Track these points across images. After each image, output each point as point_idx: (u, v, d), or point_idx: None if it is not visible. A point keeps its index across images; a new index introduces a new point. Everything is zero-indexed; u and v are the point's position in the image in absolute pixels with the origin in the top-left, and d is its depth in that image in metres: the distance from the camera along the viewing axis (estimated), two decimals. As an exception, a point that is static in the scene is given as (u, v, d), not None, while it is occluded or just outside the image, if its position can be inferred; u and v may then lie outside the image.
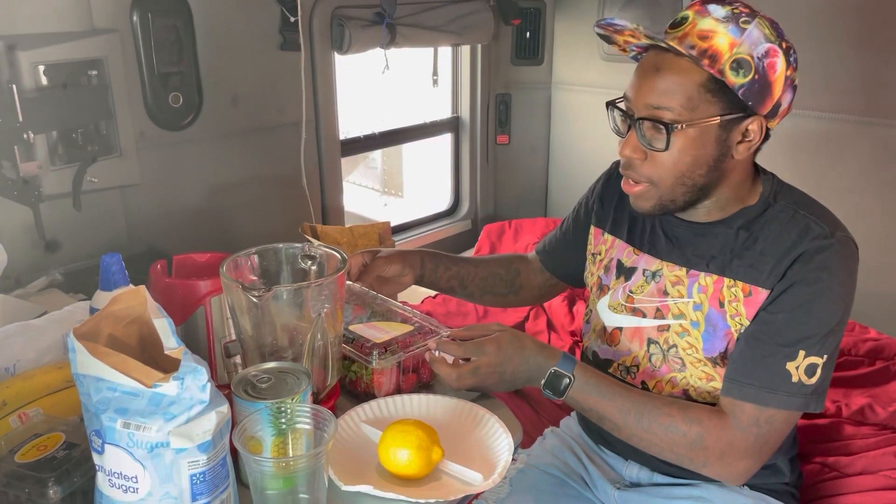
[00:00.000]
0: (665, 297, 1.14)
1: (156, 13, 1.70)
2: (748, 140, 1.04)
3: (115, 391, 0.78)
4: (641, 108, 1.04)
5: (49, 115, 1.53)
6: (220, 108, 1.89)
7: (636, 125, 1.05)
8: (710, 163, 1.05)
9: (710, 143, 1.03)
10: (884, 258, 2.01)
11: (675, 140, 1.03)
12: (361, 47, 2.11)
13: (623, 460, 1.25)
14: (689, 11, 1.03)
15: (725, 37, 0.99)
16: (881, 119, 2.02)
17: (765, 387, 1.02)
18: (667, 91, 1.02)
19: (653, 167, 1.06)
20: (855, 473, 1.39)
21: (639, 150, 1.06)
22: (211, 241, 1.85)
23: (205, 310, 1.06)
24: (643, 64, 1.06)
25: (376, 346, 1.13)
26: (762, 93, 1.01)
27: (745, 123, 1.03)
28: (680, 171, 1.05)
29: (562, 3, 2.65)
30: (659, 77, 1.02)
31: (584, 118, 2.72)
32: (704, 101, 1.01)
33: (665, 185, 1.07)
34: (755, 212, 1.10)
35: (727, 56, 0.99)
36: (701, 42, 1.00)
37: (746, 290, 1.07)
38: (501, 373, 1.06)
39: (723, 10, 1.01)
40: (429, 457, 0.94)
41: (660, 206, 1.09)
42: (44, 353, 1.11)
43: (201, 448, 0.78)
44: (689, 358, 1.12)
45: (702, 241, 1.12)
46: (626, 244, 1.23)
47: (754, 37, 0.99)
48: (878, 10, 1.96)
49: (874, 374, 1.71)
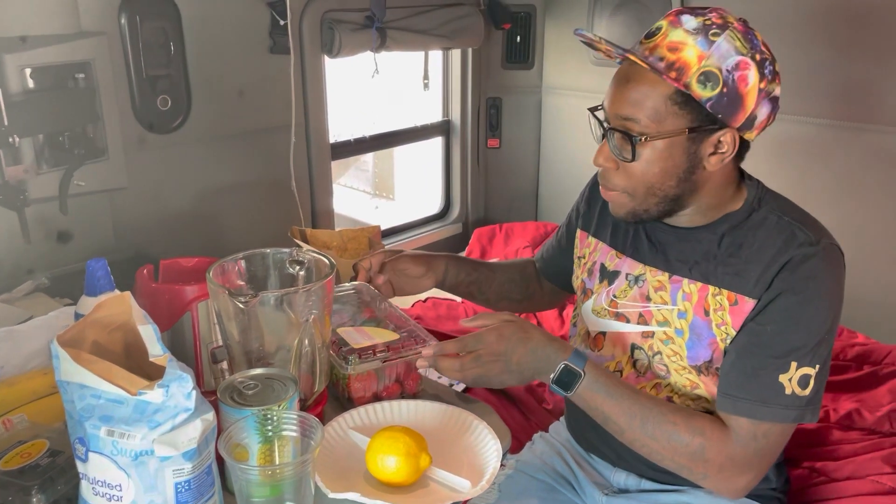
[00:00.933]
0: (648, 303, 1.14)
1: (144, 16, 1.69)
2: (721, 152, 1.04)
3: (99, 398, 0.77)
4: (613, 117, 1.05)
5: (35, 119, 1.52)
6: (209, 111, 1.88)
7: (609, 135, 1.05)
8: (679, 174, 1.04)
9: (680, 155, 1.03)
10: (871, 263, 2.02)
11: (641, 152, 1.03)
12: (352, 51, 2.10)
13: (611, 467, 1.25)
14: (664, 21, 1.03)
15: (694, 49, 0.99)
16: (867, 125, 2.03)
17: (758, 400, 1.02)
18: (635, 102, 1.02)
19: (624, 177, 1.06)
20: (843, 478, 1.40)
21: (611, 160, 1.07)
22: (199, 246, 1.84)
23: (191, 315, 1.05)
24: (617, 73, 1.06)
25: (353, 350, 1.10)
26: (732, 105, 1.00)
27: (716, 136, 1.03)
28: (650, 182, 1.05)
29: (552, 8, 2.66)
30: (628, 88, 1.03)
31: (574, 122, 2.72)
32: (672, 113, 1.01)
33: (637, 195, 1.07)
34: (739, 217, 1.09)
35: (695, 69, 0.98)
36: (669, 54, 1.00)
37: (732, 298, 1.07)
38: (507, 362, 1.03)
39: (694, 22, 1.00)
40: (417, 464, 0.94)
41: (633, 215, 1.10)
42: (29, 359, 1.11)
43: (186, 456, 0.78)
44: (674, 365, 1.12)
45: (685, 245, 1.12)
46: (609, 247, 1.23)
47: (723, 49, 0.99)
48: (865, 16, 1.98)
49: (862, 378, 1.72)
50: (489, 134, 2.79)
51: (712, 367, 1.09)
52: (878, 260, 2.03)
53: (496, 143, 2.80)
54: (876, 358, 1.77)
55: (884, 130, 2.00)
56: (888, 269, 2.04)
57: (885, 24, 1.94)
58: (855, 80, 2.03)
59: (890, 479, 1.34)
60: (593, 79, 2.57)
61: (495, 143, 2.80)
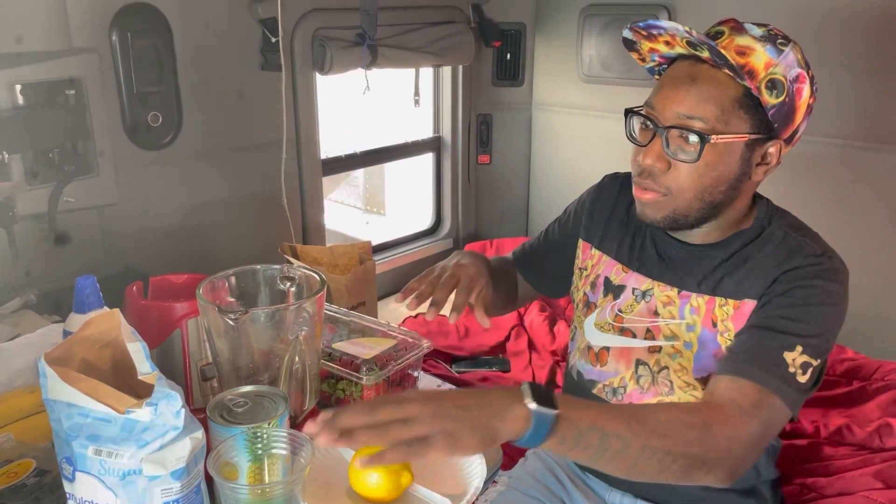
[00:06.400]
0: (656, 318, 1.14)
1: (135, 33, 1.69)
2: (766, 163, 1.04)
3: (86, 417, 0.76)
4: (671, 117, 1.02)
5: (25, 135, 1.52)
6: (200, 127, 1.88)
7: (663, 134, 1.03)
8: (730, 181, 1.04)
9: (735, 161, 1.02)
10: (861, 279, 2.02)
11: (705, 152, 1.01)
12: (343, 68, 2.11)
13: (607, 486, 1.24)
14: (724, 27, 1.02)
15: (763, 55, 0.99)
16: (860, 142, 2.05)
17: (763, 369, 0.96)
18: (701, 101, 1.00)
19: (675, 178, 1.04)
20: (833, 494, 1.40)
21: (662, 160, 1.03)
22: (190, 262, 1.84)
23: (181, 332, 1.05)
24: (674, 73, 1.04)
25: (365, 361, 1.12)
26: (788, 116, 1.01)
27: (766, 146, 1.03)
28: (703, 185, 1.03)
29: (542, 26, 2.68)
30: (694, 87, 1.01)
31: (564, 139, 2.74)
32: (737, 116, 1.00)
33: (684, 198, 1.04)
34: (750, 236, 1.10)
35: (763, 74, 0.98)
36: (739, 57, 0.99)
37: (736, 305, 1.07)
38: (439, 402, 0.77)
39: (759, 30, 1.01)
40: (398, 481, 0.93)
41: (672, 219, 1.07)
42: (15, 377, 1.10)
43: (175, 475, 0.77)
44: (679, 381, 1.12)
45: (696, 262, 1.12)
46: (614, 261, 1.22)
47: (790, 59, 0.99)
48: (862, 33, 2.00)
49: (852, 394, 1.73)
50: (480, 150, 2.80)
51: None
52: (867, 275, 2.04)
53: (487, 160, 2.81)
54: (865, 373, 1.78)
55: (876, 148, 2.03)
56: (877, 285, 2.06)
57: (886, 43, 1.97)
58: (853, 99, 2.05)
59: (881, 495, 1.34)
60: (582, 95, 2.59)
61: (486, 159, 2.81)
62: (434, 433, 0.74)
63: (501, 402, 0.78)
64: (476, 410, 0.77)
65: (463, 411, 0.76)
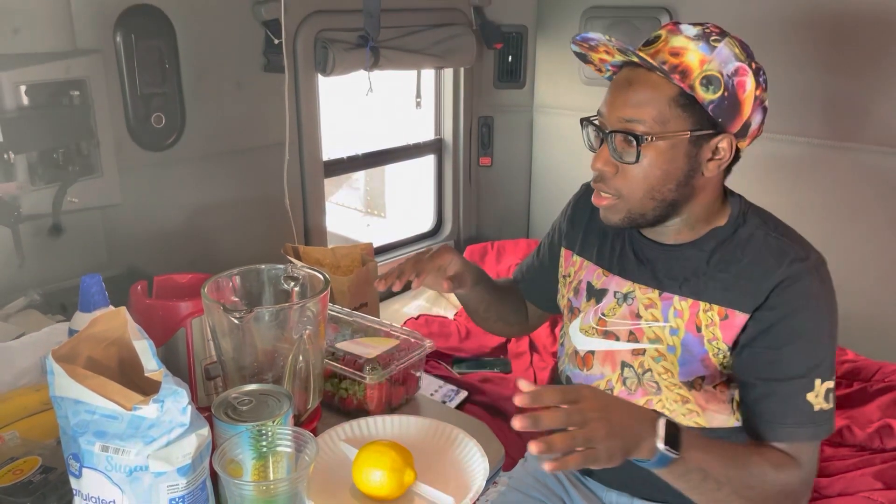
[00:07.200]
0: (638, 320, 1.15)
1: (139, 34, 1.70)
2: (718, 158, 1.06)
3: (93, 414, 0.77)
4: (614, 121, 1.05)
5: (30, 136, 1.52)
6: (203, 128, 1.89)
7: (608, 138, 1.06)
8: (679, 178, 1.06)
9: (680, 158, 1.04)
10: (859, 280, 2.04)
11: (645, 153, 1.04)
12: (345, 69, 2.12)
13: (604, 487, 1.25)
14: (662, 31, 1.06)
15: (696, 53, 1.01)
16: (855, 143, 2.06)
17: (800, 424, 1.02)
18: (638, 104, 1.03)
19: (623, 180, 1.07)
20: (834, 495, 1.40)
21: (610, 164, 1.07)
22: (193, 262, 1.84)
23: (185, 331, 1.05)
24: (617, 79, 1.08)
25: (368, 361, 1.14)
26: (732, 110, 1.02)
27: (714, 140, 1.05)
28: (650, 185, 1.06)
29: (544, 28, 2.69)
30: (631, 91, 1.04)
31: (565, 141, 2.74)
32: (675, 115, 1.02)
33: (634, 199, 1.07)
34: (725, 233, 1.11)
35: (697, 72, 1.01)
36: (672, 58, 1.02)
37: (723, 313, 1.08)
38: (609, 421, 0.87)
39: (694, 30, 1.03)
40: (401, 479, 0.94)
41: (629, 220, 1.10)
42: (20, 376, 1.10)
43: (181, 471, 0.77)
44: (665, 382, 1.13)
45: (674, 263, 1.13)
46: (595, 266, 1.23)
47: (724, 55, 1.01)
48: (852, 36, 2.01)
49: (852, 395, 1.74)
50: (481, 152, 2.81)
51: (705, 383, 1.10)
52: (866, 276, 2.05)
53: (488, 162, 2.82)
54: (865, 374, 1.78)
55: (870, 150, 2.03)
56: (876, 286, 2.06)
57: (871, 44, 1.98)
58: (842, 100, 2.06)
59: (881, 496, 1.35)
60: (584, 98, 2.59)
61: (487, 161, 2.82)
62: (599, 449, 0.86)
63: (643, 432, 0.90)
64: (622, 437, 0.88)
65: (621, 429, 0.88)
